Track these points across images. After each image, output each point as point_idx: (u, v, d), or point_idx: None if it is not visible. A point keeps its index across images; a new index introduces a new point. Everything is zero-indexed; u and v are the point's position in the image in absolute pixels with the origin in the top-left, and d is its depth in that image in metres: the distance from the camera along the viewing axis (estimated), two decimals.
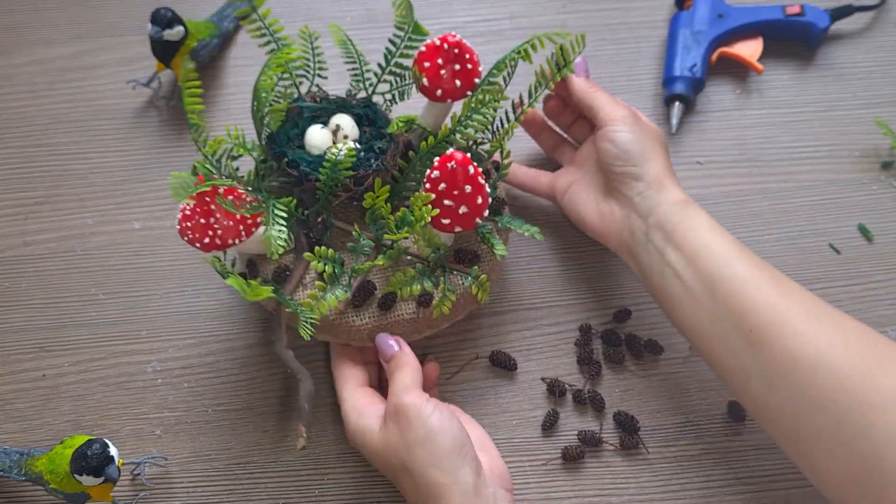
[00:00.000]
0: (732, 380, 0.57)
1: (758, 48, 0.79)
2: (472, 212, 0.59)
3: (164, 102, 0.79)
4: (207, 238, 0.57)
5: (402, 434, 0.54)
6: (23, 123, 0.78)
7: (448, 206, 0.58)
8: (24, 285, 0.71)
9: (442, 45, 0.62)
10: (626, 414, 0.64)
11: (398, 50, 0.65)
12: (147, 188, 0.75)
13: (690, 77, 0.76)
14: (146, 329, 0.69)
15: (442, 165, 0.58)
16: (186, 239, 0.57)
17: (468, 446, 0.54)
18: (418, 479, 0.53)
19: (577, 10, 0.83)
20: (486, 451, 0.58)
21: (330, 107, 0.65)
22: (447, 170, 0.57)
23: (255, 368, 0.67)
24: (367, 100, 0.66)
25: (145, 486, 0.64)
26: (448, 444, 0.53)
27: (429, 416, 0.54)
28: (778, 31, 0.80)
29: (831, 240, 0.72)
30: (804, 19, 0.79)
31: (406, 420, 0.54)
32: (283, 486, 0.64)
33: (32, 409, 0.66)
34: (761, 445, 0.65)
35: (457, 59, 0.62)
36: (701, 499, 0.63)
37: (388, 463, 0.55)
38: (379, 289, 0.62)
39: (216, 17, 0.81)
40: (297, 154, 0.62)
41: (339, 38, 0.67)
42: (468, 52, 0.62)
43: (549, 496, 0.63)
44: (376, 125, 0.64)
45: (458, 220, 0.59)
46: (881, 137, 0.76)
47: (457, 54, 0.62)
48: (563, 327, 0.69)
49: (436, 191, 0.58)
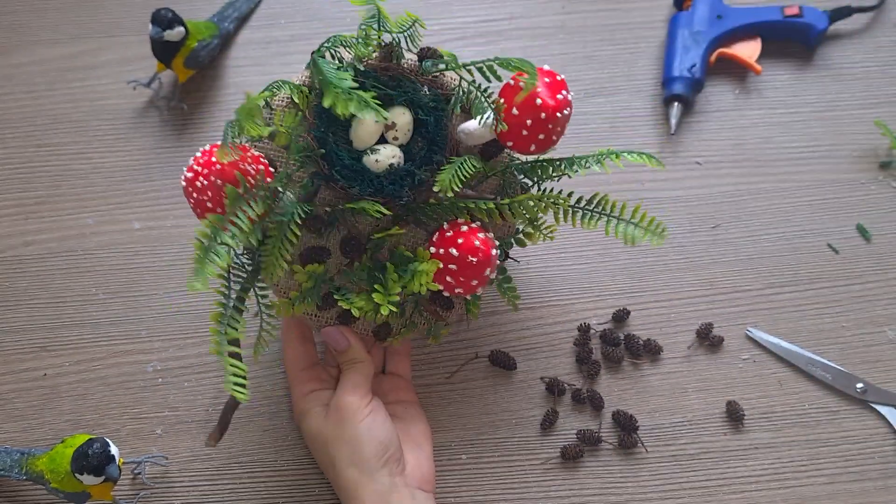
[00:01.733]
0: None
1: (756, 49, 0.79)
2: (464, 290, 0.56)
3: (165, 102, 0.79)
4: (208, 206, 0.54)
5: (334, 430, 0.58)
6: (23, 123, 0.78)
7: (448, 282, 0.56)
8: (24, 285, 0.71)
9: (539, 111, 0.54)
10: (625, 413, 0.65)
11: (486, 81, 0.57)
12: (147, 188, 0.75)
13: (690, 77, 0.76)
14: (146, 329, 0.69)
15: (462, 249, 0.54)
16: (191, 201, 0.54)
17: (393, 449, 0.58)
18: (339, 475, 0.57)
19: (577, 11, 0.83)
20: (419, 450, 0.60)
21: (399, 97, 0.56)
22: (466, 261, 0.54)
23: (255, 368, 0.67)
24: (439, 97, 0.56)
25: (146, 486, 0.64)
26: (371, 449, 0.57)
27: (361, 421, 0.57)
28: (776, 32, 0.80)
29: (830, 239, 0.73)
30: (802, 20, 0.79)
31: (340, 418, 0.58)
32: (283, 486, 0.64)
33: (33, 408, 0.67)
34: (761, 445, 0.65)
35: (544, 129, 0.55)
36: (700, 499, 0.63)
37: (319, 452, 0.60)
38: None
39: (216, 17, 0.81)
40: (337, 148, 0.55)
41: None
42: (560, 124, 0.55)
43: (548, 496, 0.63)
44: (433, 141, 0.56)
45: (449, 290, 0.57)
46: (880, 138, 0.77)
47: (548, 127, 0.55)
48: (562, 327, 0.69)
49: (445, 265, 0.55)
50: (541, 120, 0.54)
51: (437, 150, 0.56)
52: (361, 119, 0.55)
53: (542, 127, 0.55)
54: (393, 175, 0.55)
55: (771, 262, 0.72)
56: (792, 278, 0.71)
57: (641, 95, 0.79)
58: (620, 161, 0.58)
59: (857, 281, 0.71)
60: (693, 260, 0.71)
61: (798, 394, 0.66)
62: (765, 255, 0.72)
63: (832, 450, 0.65)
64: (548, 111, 0.54)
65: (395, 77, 0.56)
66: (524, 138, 0.55)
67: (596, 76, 0.79)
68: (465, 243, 0.54)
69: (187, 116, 0.78)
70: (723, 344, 0.68)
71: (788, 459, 0.64)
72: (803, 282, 0.71)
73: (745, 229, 0.73)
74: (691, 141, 0.77)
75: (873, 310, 0.69)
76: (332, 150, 0.55)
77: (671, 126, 0.76)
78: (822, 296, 0.70)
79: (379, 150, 0.56)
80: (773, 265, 0.71)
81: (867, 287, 0.70)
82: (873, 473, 0.64)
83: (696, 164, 0.76)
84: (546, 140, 0.56)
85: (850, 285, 0.71)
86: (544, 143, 0.56)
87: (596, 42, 0.82)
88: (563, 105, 0.55)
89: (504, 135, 0.56)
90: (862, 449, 0.64)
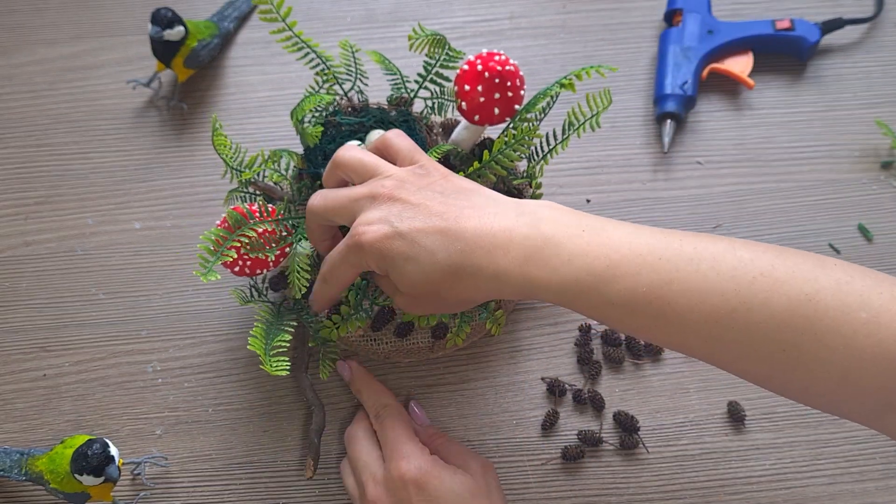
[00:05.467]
0: None
1: (749, 64, 0.78)
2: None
3: (165, 102, 0.79)
4: (237, 267, 0.60)
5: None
6: (23, 123, 0.78)
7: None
8: (24, 285, 0.71)
9: (483, 72, 0.60)
10: (626, 414, 0.64)
11: (436, 65, 0.65)
12: (147, 188, 0.75)
13: (682, 94, 0.75)
14: (146, 329, 0.69)
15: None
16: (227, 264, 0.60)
17: None
18: None
19: (577, 10, 0.83)
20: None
21: (368, 121, 0.64)
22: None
23: (255, 368, 0.67)
24: (406, 112, 0.65)
25: (145, 486, 0.64)
26: None
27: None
28: (768, 46, 0.79)
29: (831, 240, 0.72)
30: (794, 34, 0.78)
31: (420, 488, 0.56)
32: (283, 486, 0.64)
33: (33, 408, 0.66)
34: (763, 446, 0.65)
35: (497, 87, 0.60)
36: (701, 499, 0.63)
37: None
38: (399, 316, 0.63)
39: (216, 17, 0.81)
40: None
41: (378, 58, 0.67)
42: (510, 78, 0.60)
43: (548, 496, 0.63)
44: None
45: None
46: (881, 137, 0.76)
47: (497, 83, 0.60)
48: (563, 328, 0.69)
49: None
50: (486, 79, 0.60)
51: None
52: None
53: (493, 86, 0.60)
54: None
55: None
56: None
57: (642, 95, 0.79)
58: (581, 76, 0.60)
59: None
60: None
61: None
62: None
63: (834, 450, 0.64)
64: (490, 70, 0.60)
65: (362, 109, 0.65)
66: (484, 105, 0.61)
67: (596, 76, 0.79)
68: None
69: (187, 116, 0.78)
70: None
71: (790, 460, 0.64)
72: None
73: (747, 229, 0.73)
74: (692, 140, 0.77)
75: None
76: None
77: (664, 145, 0.75)
78: None
79: None
80: None
81: None
82: (875, 474, 0.64)
83: (698, 163, 0.76)
84: (503, 98, 0.60)
85: None
86: (504, 102, 0.61)
87: (596, 42, 0.82)
88: (503, 63, 0.60)
89: (468, 112, 0.61)
90: (863, 449, 0.64)
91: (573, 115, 0.63)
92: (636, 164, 0.76)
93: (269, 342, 0.55)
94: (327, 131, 0.64)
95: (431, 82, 0.65)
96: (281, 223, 0.60)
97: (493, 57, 0.60)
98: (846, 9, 0.83)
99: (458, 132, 0.65)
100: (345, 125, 0.64)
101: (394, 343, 0.64)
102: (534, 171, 0.65)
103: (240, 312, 0.70)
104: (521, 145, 0.60)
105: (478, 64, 0.60)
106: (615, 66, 0.61)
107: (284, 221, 0.60)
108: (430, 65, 0.65)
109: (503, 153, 0.60)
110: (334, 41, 0.81)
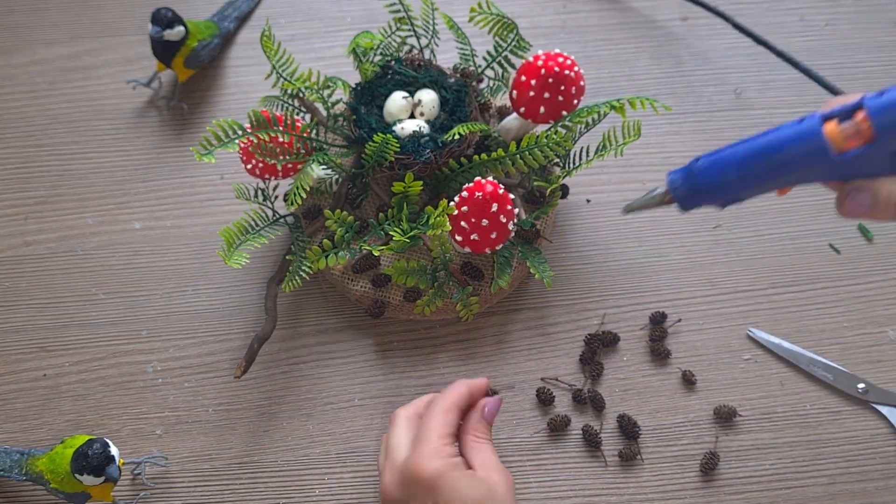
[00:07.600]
0: None
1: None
2: (482, 241, 0.61)
3: (164, 102, 0.79)
4: (251, 165, 0.64)
5: None
6: (23, 123, 0.78)
7: (464, 228, 0.60)
8: (24, 285, 0.71)
9: (541, 69, 0.61)
10: (629, 417, 0.64)
11: (506, 48, 0.67)
12: (147, 188, 0.75)
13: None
14: (146, 329, 0.69)
15: (471, 190, 0.60)
16: (242, 159, 0.65)
17: None
18: None
19: (577, 10, 0.83)
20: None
21: (422, 78, 0.66)
22: (474, 197, 0.59)
23: (255, 368, 0.67)
24: (464, 83, 0.66)
25: (146, 486, 0.64)
26: None
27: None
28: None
29: (831, 240, 0.72)
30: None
31: None
32: (283, 486, 0.64)
33: (33, 408, 0.66)
34: (762, 446, 0.65)
35: (550, 87, 0.62)
36: (701, 499, 0.63)
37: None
38: (383, 265, 0.66)
39: (216, 17, 0.81)
40: (370, 116, 0.65)
41: (450, 23, 0.69)
42: (565, 83, 0.62)
43: (548, 496, 0.63)
44: (456, 114, 0.65)
45: (469, 243, 0.61)
46: None
47: (551, 83, 0.61)
48: (564, 328, 0.69)
49: (459, 209, 0.60)
50: (541, 76, 0.61)
51: (456, 120, 0.65)
52: (392, 96, 0.65)
53: (546, 85, 0.61)
54: (415, 138, 0.64)
55: (772, 263, 0.71)
56: (793, 278, 0.71)
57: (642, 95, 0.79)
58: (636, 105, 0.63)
59: (858, 281, 0.71)
60: (695, 260, 0.71)
61: (799, 394, 0.66)
62: (766, 255, 0.72)
63: (834, 450, 0.64)
64: (548, 69, 0.61)
65: (421, 65, 0.67)
66: (532, 100, 0.62)
67: (596, 76, 0.79)
68: (474, 186, 0.60)
69: (187, 116, 0.78)
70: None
71: (790, 460, 0.64)
72: (805, 282, 0.71)
73: (747, 229, 0.73)
74: (693, 140, 0.77)
75: (875, 310, 0.69)
76: (363, 117, 0.65)
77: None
78: (823, 296, 0.70)
79: (405, 121, 0.65)
80: (775, 265, 0.71)
81: (869, 287, 0.70)
82: (875, 474, 0.64)
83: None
84: (552, 100, 0.62)
85: (852, 285, 0.70)
86: (552, 104, 0.62)
87: (596, 42, 0.82)
88: (565, 66, 0.61)
89: (516, 101, 0.63)
90: (863, 449, 0.64)
91: (607, 139, 0.64)
92: (636, 164, 0.76)
93: (242, 239, 0.61)
94: (386, 74, 0.67)
95: (499, 65, 0.67)
96: (302, 140, 0.62)
97: (557, 57, 0.62)
98: (846, 8, 0.83)
99: (508, 120, 0.67)
100: (399, 75, 0.66)
101: (369, 289, 0.66)
102: (557, 180, 0.65)
103: (240, 312, 0.70)
104: (550, 149, 0.61)
105: (540, 59, 0.62)
106: (669, 106, 0.65)
107: (306, 140, 0.63)
108: (500, 47, 0.67)
109: (531, 150, 0.61)
110: (334, 41, 0.81)
